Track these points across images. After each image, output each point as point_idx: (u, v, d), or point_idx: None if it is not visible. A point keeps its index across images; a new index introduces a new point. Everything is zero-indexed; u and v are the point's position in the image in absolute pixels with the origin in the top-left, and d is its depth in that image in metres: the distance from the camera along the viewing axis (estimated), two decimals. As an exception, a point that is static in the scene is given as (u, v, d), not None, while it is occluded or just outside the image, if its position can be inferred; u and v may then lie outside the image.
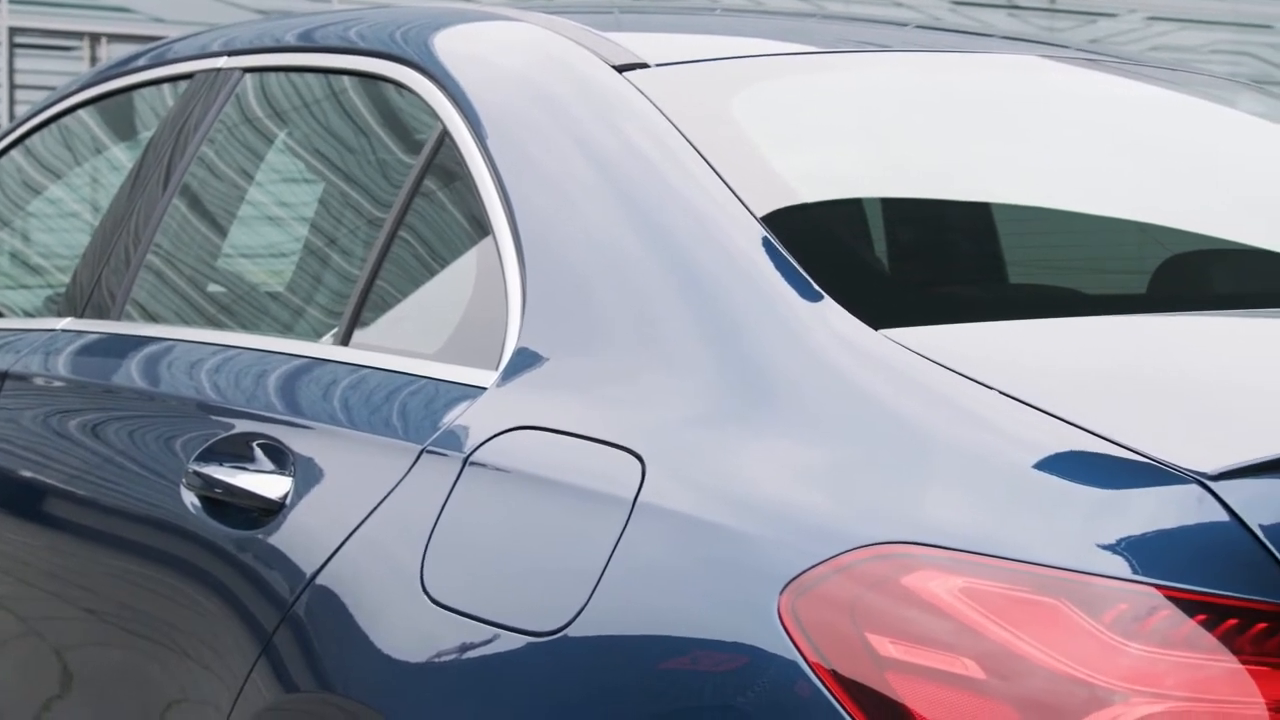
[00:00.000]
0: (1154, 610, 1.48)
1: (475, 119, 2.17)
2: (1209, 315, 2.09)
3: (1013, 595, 1.51)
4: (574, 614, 1.72)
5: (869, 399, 1.70)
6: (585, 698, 1.71)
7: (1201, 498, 1.51)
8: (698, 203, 1.93)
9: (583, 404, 1.87)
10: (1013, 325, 1.93)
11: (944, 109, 2.38)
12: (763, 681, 1.59)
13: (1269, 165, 2.51)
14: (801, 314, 1.79)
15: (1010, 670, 1.49)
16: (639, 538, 1.71)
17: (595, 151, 2.05)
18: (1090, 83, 2.57)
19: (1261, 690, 1.46)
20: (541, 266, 2.00)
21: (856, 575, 1.56)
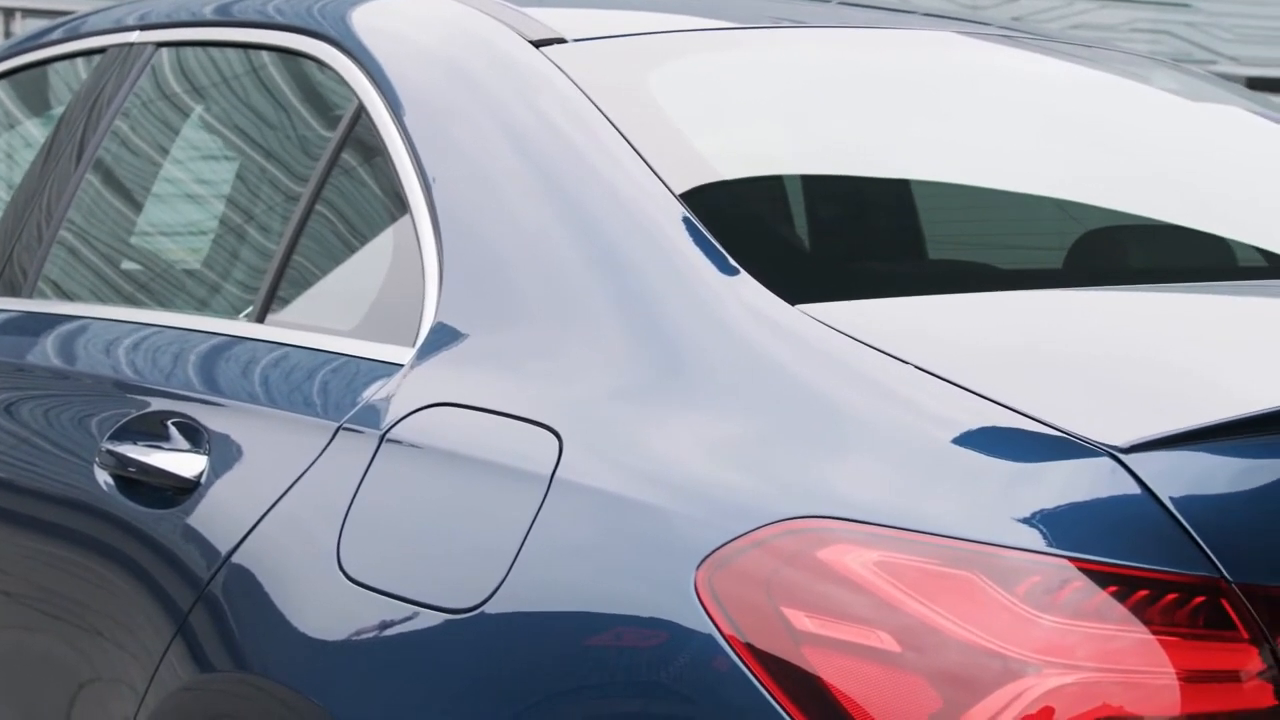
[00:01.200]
0: (1066, 582, 1.49)
1: (392, 95, 2.16)
2: (1123, 290, 2.11)
3: (927, 568, 1.52)
4: (491, 591, 1.71)
5: (784, 374, 1.70)
6: (503, 674, 1.71)
7: (1113, 470, 1.53)
8: (614, 179, 1.93)
9: (499, 381, 1.86)
10: (930, 300, 1.94)
11: (862, 86, 2.38)
12: (680, 656, 1.59)
13: (1183, 141, 2.54)
14: (718, 290, 1.79)
15: (924, 643, 1.50)
16: (556, 514, 1.71)
17: (512, 127, 2.04)
18: (1006, 60, 2.58)
19: (1171, 660, 1.48)
20: (458, 243, 1.99)
21: (772, 550, 1.56)
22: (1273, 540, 1.53)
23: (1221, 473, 1.55)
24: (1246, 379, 1.71)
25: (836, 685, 1.51)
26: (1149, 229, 2.38)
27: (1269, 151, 2.60)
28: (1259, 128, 2.66)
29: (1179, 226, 2.37)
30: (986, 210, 2.47)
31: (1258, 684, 1.48)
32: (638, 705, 1.63)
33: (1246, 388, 1.67)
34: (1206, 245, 2.36)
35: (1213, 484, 1.55)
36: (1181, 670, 1.48)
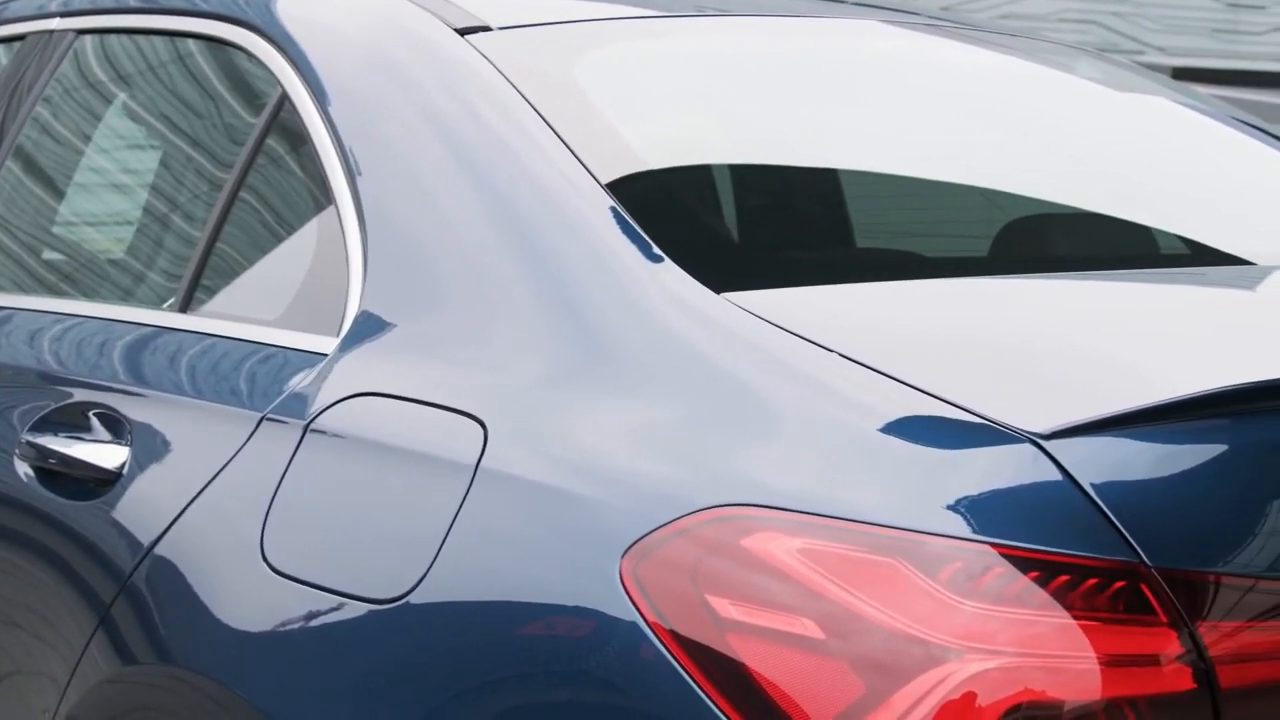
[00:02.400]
0: (988, 568, 1.50)
1: (316, 83, 2.14)
2: (1047, 279, 2.12)
3: (850, 555, 1.52)
4: (415, 581, 1.71)
5: (708, 362, 1.70)
6: (428, 665, 1.70)
7: (1035, 457, 1.54)
8: (539, 167, 1.92)
9: (424, 370, 1.85)
10: (855, 288, 1.95)
11: (789, 75, 2.39)
12: (605, 645, 1.59)
13: (1106, 131, 2.55)
14: (641, 278, 1.79)
15: (848, 630, 1.50)
16: (481, 504, 1.70)
17: (436, 116, 2.03)
18: (932, 49, 2.59)
19: (1092, 645, 1.49)
20: (383, 233, 1.98)
21: (696, 538, 1.57)
22: (1191, 525, 1.55)
23: (1141, 459, 1.56)
24: (1166, 366, 1.72)
25: (761, 672, 1.52)
26: (1073, 218, 2.39)
27: (1191, 141, 2.62)
28: (1182, 117, 2.68)
29: (1103, 215, 2.39)
30: (913, 199, 2.48)
31: (1176, 667, 1.50)
32: (564, 694, 1.63)
33: (1166, 375, 1.69)
34: (1130, 234, 2.38)
35: (1132, 470, 1.56)
36: (1102, 655, 1.49)
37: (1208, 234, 2.36)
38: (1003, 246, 2.31)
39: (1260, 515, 1.58)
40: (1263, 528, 1.57)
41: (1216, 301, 2.06)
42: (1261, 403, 1.62)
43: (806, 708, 1.50)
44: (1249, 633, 1.53)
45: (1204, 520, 1.56)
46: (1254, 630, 1.53)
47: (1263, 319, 1.98)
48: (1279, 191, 2.52)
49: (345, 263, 2.00)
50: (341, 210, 2.04)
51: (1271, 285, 2.13)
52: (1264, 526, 1.57)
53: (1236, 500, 1.57)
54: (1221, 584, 1.53)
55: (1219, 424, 1.60)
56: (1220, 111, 2.71)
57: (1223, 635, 1.52)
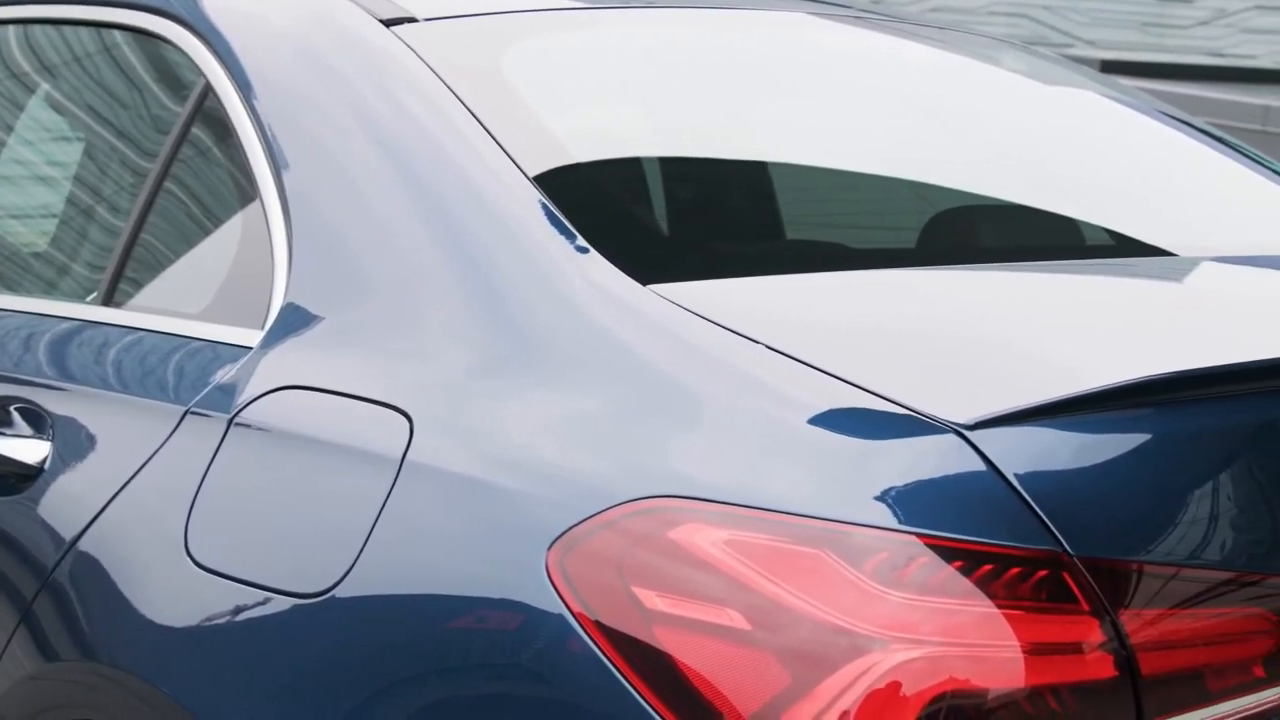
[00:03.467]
0: (913, 558, 1.50)
1: (240, 75, 2.13)
2: (972, 270, 2.13)
3: (776, 546, 1.52)
4: (341, 575, 1.70)
5: (634, 354, 1.70)
6: (354, 659, 1.70)
7: (959, 447, 1.54)
8: (464, 159, 1.91)
9: (349, 363, 1.84)
10: (782, 280, 1.95)
11: (717, 67, 2.39)
12: (532, 637, 1.59)
13: (1033, 123, 2.57)
14: (567, 269, 1.78)
15: (774, 621, 1.50)
16: (407, 497, 1.69)
17: (361, 108, 2.02)
18: (860, 41, 2.60)
19: (1016, 633, 1.50)
20: (307, 225, 1.97)
21: (622, 530, 1.56)
22: (1113, 513, 1.56)
23: (1064, 449, 1.57)
24: (1089, 357, 1.73)
25: (687, 663, 1.52)
26: (999, 209, 2.41)
27: (1116, 134, 2.64)
28: (1108, 110, 2.70)
29: (1029, 207, 2.40)
30: (842, 191, 2.49)
31: (1099, 655, 1.51)
32: (490, 687, 1.62)
33: (1089, 365, 1.70)
34: (1056, 225, 2.39)
35: (1055, 460, 1.57)
36: (1025, 643, 1.50)
37: (1132, 225, 2.37)
38: (930, 238, 2.32)
39: (1181, 504, 1.59)
40: (1184, 516, 1.59)
41: (1139, 292, 2.08)
42: (1182, 392, 1.63)
43: (732, 699, 1.50)
44: (1169, 620, 1.54)
45: (1126, 509, 1.57)
46: (1174, 618, 1.54)
47: (1184, 310, 2.00)
48: (1201, 183, 2.55)
49: (270, 255, 1.98)
50: (266, 202, 2.02)
51: (1192, 276, 2.15)
52: (1185, 515, 1.59)
53: (1158, 489, 1.59)
54: (1143, 572, 1.54)
55: (1141, 414, 1.61)
56: (1145, 104, 2.73)
57: (1144, 623, 1.53)
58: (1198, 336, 1.84)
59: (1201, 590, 1.56)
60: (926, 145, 2.43)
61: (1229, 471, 1.62)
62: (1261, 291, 2.10)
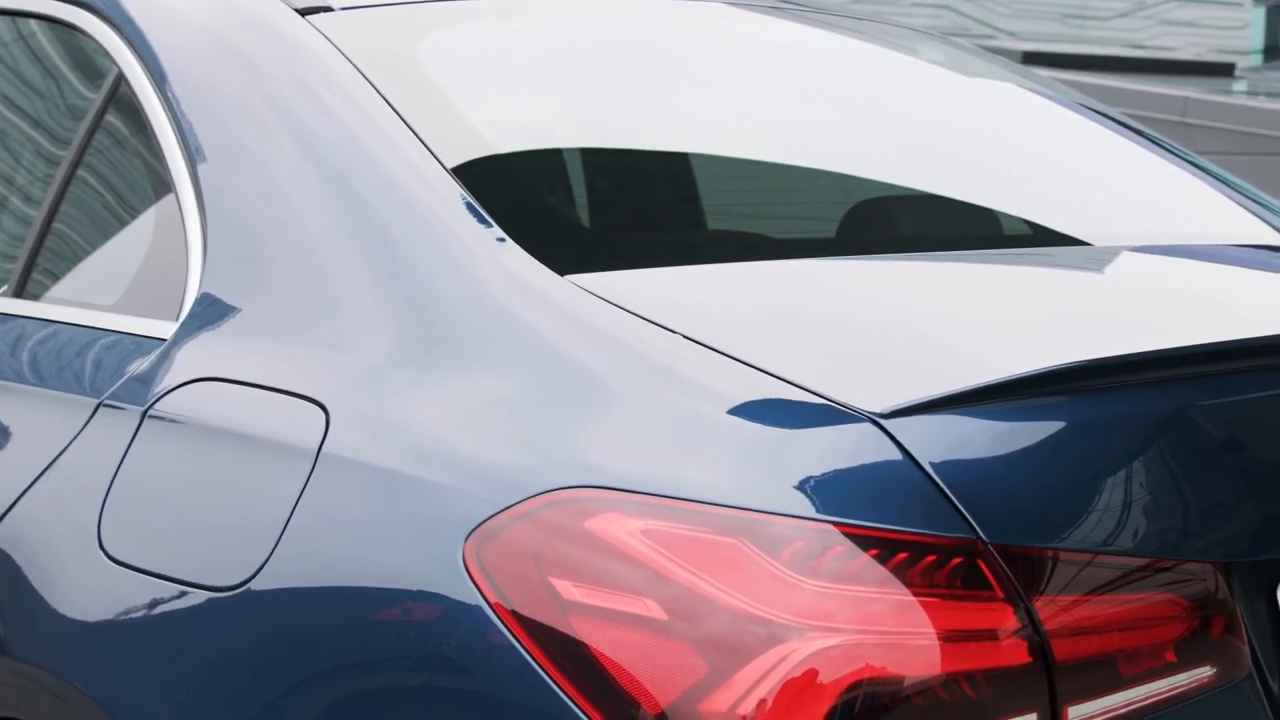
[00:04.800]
0: (829, 547, 1.51)
1: (154, 64, 2.11)
2: (890, 259, 2.14)
3: (693, 536, 1.53)
4: (257, 568, 1.69)
5: (549, 344, 1.70)
6: (271, 652, 1.69)
7: (875, 436, 1.55)
8: (380, 149, 1.90)
9: (264, 355, 1.83)
10: (700, 270, 1.95)
11: (635, 56, 2.39)
12: (449, 629, 1.58)
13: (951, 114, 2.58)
14: (484, 260, 1.78)
15: (691, 610, 1.51)
16: (323, 489, 1.68)
17: (276, 98, 2.00)
18: (778, 32, 2.61)
19: (931, 621, 1.51)
20: (222, 216, 1.95)
21: (539, 521, 1.56)
22: (1028, 501, 1.57)
23: (979, 437, 1.58)
24: (1004, 345, 1.74)
25: (604, 653, 1.51)
26: (918, 200, 2.42)
27: (1034, 124, 2.66)
28: (1025, 101, 2.72)
29: (948, 198, 2.41)
30: (763, 181, 2.49)
31: (1013, 641, 1.52)
32: (408, 679, 1.62)
33: (1004, 354, 1.71)
34: (974, 216, 2.40)
35: (970, 448, 1.58)
36: (941, 630, 1.50)
37: (1048, 216, 2.39)
38: (849, 228, 2.33)
39: (1095, 491, 1.60)
40: (1098, 504, 1.60)
41: (1054, 282, 2.09)
42: (1096, 380, 1.64)
43: (650, 688, 1.50)
44: (1083, 606, 1.55)
45: (1041, 497, 1.58)
46: (1088, 604, 1.55)
47: (1098, 299, 2.02)
48: (1117, 174, 2.57)
49: (184, 246, 1.96)
50: (180, 193, 2.00)
51: (1107, 266, 2.17)
52: (1099, 502, 1.60)
53: (1072, 477, 1.60)
54: (1057, 559, 1.55)
55: (1056, 402, 1.62)
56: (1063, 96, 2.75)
57: (1058, 609, 1.54)
58: (1111, 325, 1.86)
59: (1115, 576, 1.58)
60: (846, 136, 2.44)
61: (1142, 459, 1.63)
62: (1174, 281, 2.12)
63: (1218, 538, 1.63)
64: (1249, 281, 2.19)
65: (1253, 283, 2.18)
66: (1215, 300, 2.03)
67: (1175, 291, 2.05)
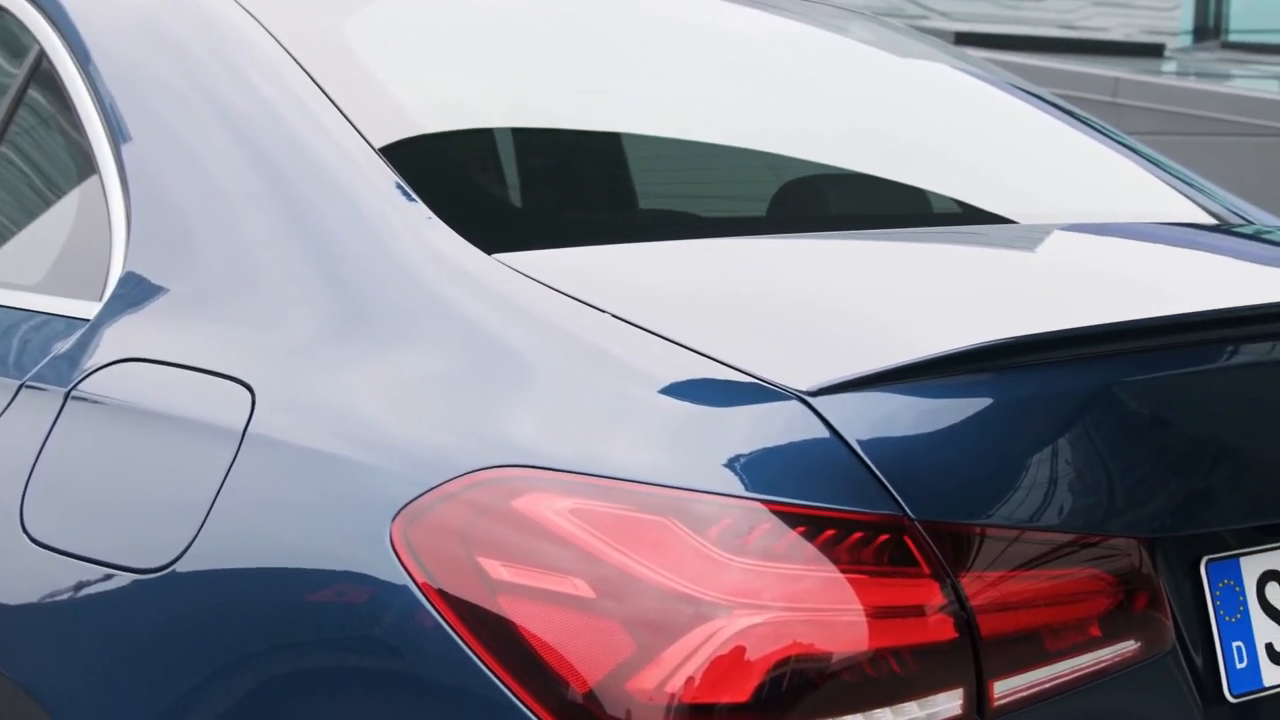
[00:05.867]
0: (756, 525, 1.51)
1: (76, 42, 2.08)
2: (819, 238, 2.14)
3: (621, 514, 1.52)
4: (182, 549, 1.67)
5: (475, 323, 1.69)
6: (197, 634, 1.67)
7: (802, 414, 1.55)
8: (305, 128, 1.89)
9: (189, 335, 1.81)
10: (629, 249, 1.95)
11: (565, 36, 2.38)
12: (377, 609, 1.57)
13: (881, 94, 2.59)
14: (409, 238, 1.77)
15: (619, 589, 1.50)
16: (249, 469, 1.67)
17: (200, 76, 1.98)
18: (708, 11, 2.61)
19: (858, 597, 1.51)
20: (146, 195, 1.93)
21: (466, 501, 1.56)
22: (954, 478, 1.58)
23: (906, 414, 1.59)
24: (931, 323, 1.75)
25: (532, 632, 1.51)
26: (848, 179, 2.43)
27: (963, 104, 2.67)
28: (955, 81, 2.73)
29: (877, 177, 2.42)
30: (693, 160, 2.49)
31: (940, 617, 1.53)
32: (337, 660, 1.61)
33: (931, 331, 1.71)
34: (903, 195, 2.41)
35: (897, 425, 1.58)
36: (868, 607, 1.51)
37: (977, 195, 2.40)
38: (779, 207, 2.33)
39: (1022, 468, 1.61)
40: (1024, 480, 1.60)
41: (982, 260, 2.10)
42: (1022, 358, 1.65)
43: (578, 666, 1.50)
44: (1009, 582, 1.56)
45: (967, 473, 1.58)
46: (1014, 580, 1.56)
47: (1025, 277, 2.03)
48: (1046, 154, 2.58)
49: (108, 226, 1.94)
50: (104, 173, 1.98)
51: (1034, 244, 2.18)
52: (1025, 479, 1.61)
53: (998, 454, 1.61)
54: (984, 535, 1.56)
55: (982, 379, 1.63)
56: (993, 76, 2.77)
57: (985, 585, 1.55)
58: (1037, 303, 1.87)
59: (1041, 552, 1.58)
60: (777, 116, 2.44)
61: (1068, 436, 1.64)
62: (1099, 259, 2.14)
63: (1142, 513, 1.65)
64: (1174, 259, 2.20)
65: (1178, 260, 2.20)
66: (1140, 278, 2.05)
67: (1100, 269, 2.07)
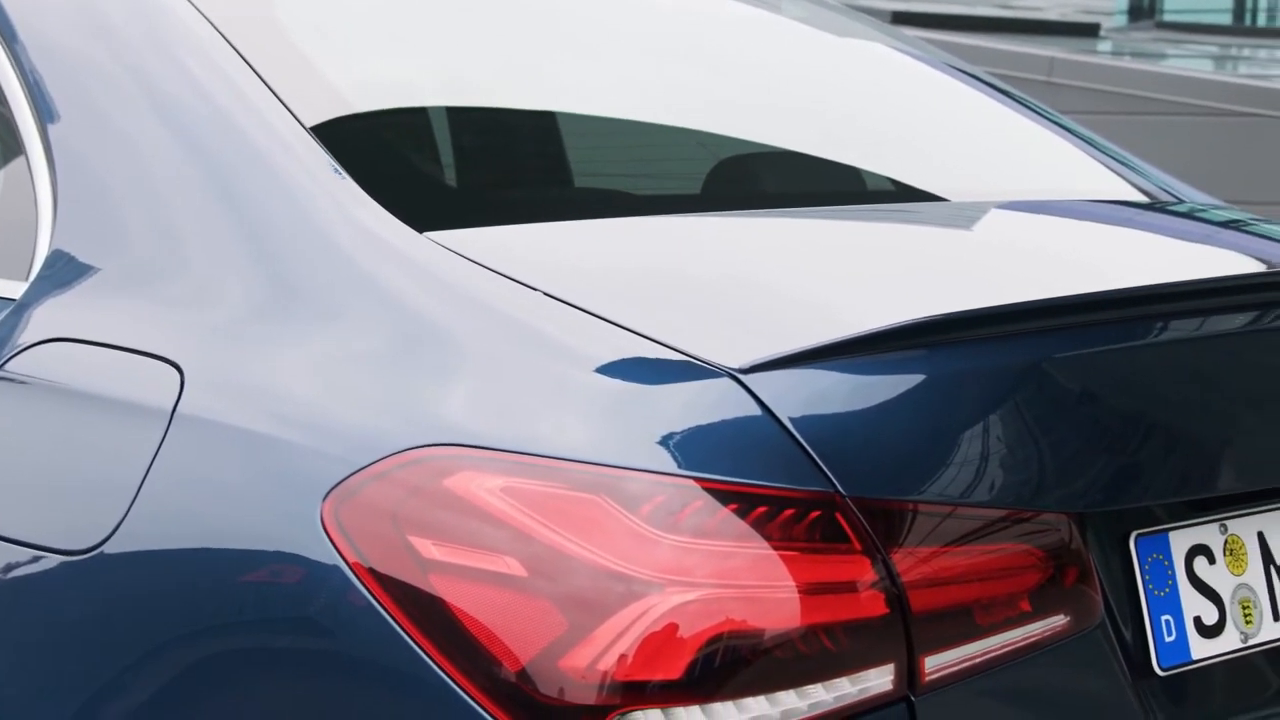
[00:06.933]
0: (688, 502, 1.51)
1: (1, 20, 2.05)
2: (753, 216, 2.14)
3: (553, 493, 1.52)
4: (110, 530, 1.66)
5: (406, 302, 1.68)
6: (126, 615, 1.66)
7: (734, 391, 1.55)
8: (234, 107, 1.87)
9: (117, 315, 1.80)
10: (562, 227, 1.94)
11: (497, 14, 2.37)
12: (309, 589, 1.57)
13: (816, 72, 2.59)
14: (339, 218, 1.75)
15: (551, 567, 1.50)
16: (178, 450, 1.66)
17: (128, 54, 1.96)
18: None
19: (790, 574, 1.51)
20: (74, 174, 1.91)
21: (397, 480, 1.55)
22: (885, 455, 1.58)
23: (837, 391, 1.59)
24: (862, 300, 1.75)
25: (464, 611, 1.51)
26: (783, 157, 2.43)
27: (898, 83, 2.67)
28: (890, 60, 2.73)
29: (812, 156, 2.42)
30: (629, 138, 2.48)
31: (871, 594, 1.53)
32: (267, 640, 1.60)
33: (862, 308, 1.72)
34: (837, 173, 2.42)
35: (829, 403, 1.58)
36: (799, 583, 1.51)
37: (912, 173, 2.41)
38: (714, 185, 2.33)
39: (952, 445, 1.62)
40: (955, 457, 1.61)
41: (912, 238, 2.11)
42: (952, 334, 1.66)
43: (510, 645, 1.49)
44: (941, 558, 1.57)
45: (898, 450, 1.59)
46: (946, 555, 1.57)
47: (956, 254, 2.04)
48: (981, 132, 2.59)
49: (34, 206, 1.92)
50: (30, 151, 1.96)
51: (964, 221, 2.19)
52: (957, 456, 1.61)
53: (929, 431, 1.61)
54: (915, 512, 1.57)
55: (912, 356, 1.63)
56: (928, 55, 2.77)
57: (916, 561, 1.55)
58: (969, 280, 1.88)
59: (972, 528, 1.59)
60: (712, 94, 2.44)
61: (998, 412, 1.65)
62: (1030, 236, 2.15)
63: (1072, 489, 1.66)
64: (1104, 237, 2.22)
65: (1108, 238, 2.22)
66: (1070, 255, 2.06)
67: (1031, 246, 2.08)
